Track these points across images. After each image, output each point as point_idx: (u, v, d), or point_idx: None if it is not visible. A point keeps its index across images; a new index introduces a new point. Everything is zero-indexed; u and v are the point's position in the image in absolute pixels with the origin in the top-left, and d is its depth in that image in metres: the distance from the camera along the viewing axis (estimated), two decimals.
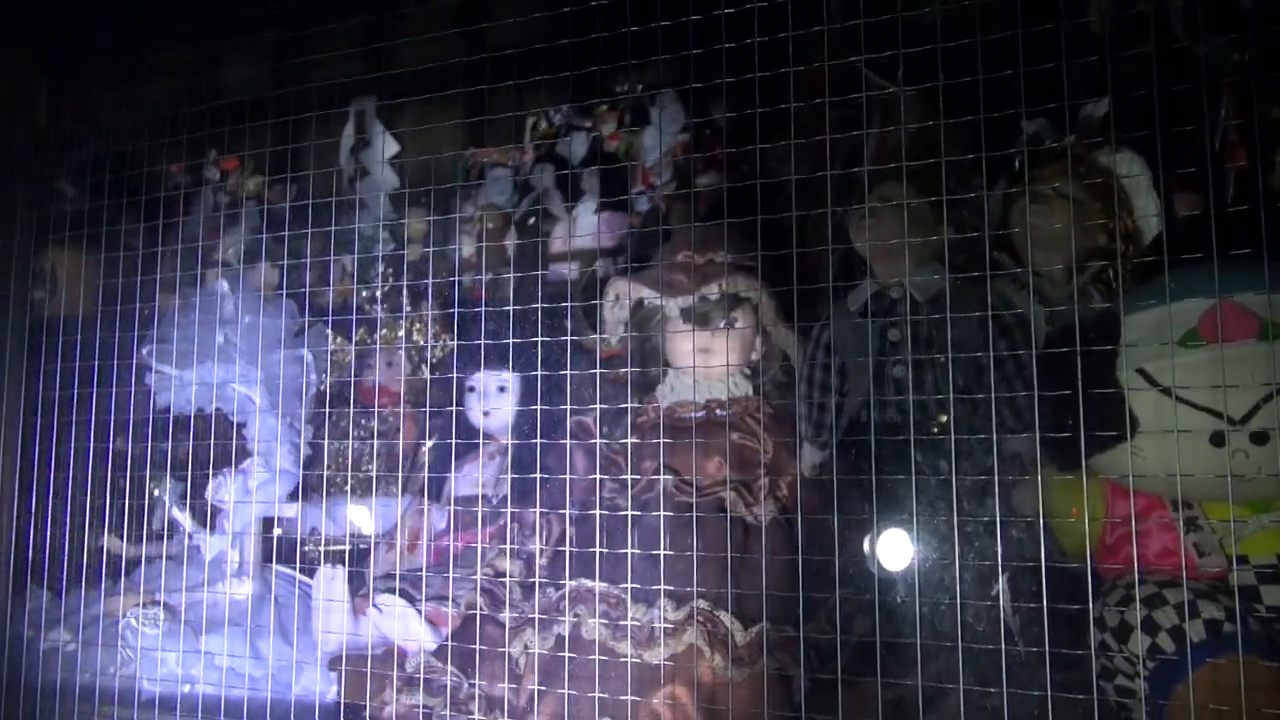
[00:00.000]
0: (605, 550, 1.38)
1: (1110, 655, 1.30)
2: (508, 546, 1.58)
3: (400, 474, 1.94)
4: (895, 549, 1.27)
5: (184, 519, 1.86)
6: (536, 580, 1.51)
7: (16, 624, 1.68)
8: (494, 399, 1.87)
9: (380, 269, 2.27)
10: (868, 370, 1.49)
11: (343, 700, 1.51)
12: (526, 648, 1.45)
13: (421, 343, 2.17)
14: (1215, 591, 1.28)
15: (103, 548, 1.79)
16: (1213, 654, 1.18)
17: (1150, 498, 1.37)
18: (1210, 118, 1.51)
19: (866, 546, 1.27)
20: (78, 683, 1.59)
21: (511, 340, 1.54)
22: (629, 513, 1.42)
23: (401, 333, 2.19)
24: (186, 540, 1.87)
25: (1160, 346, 1.27)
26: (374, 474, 1.97)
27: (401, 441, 2.03)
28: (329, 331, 2.03)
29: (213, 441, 1.82)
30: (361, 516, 1.88)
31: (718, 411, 1.61)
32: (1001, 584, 1.16)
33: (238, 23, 1.85)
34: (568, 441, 1.61)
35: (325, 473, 2.04)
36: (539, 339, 1.50)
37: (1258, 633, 1.26)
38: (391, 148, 2.26)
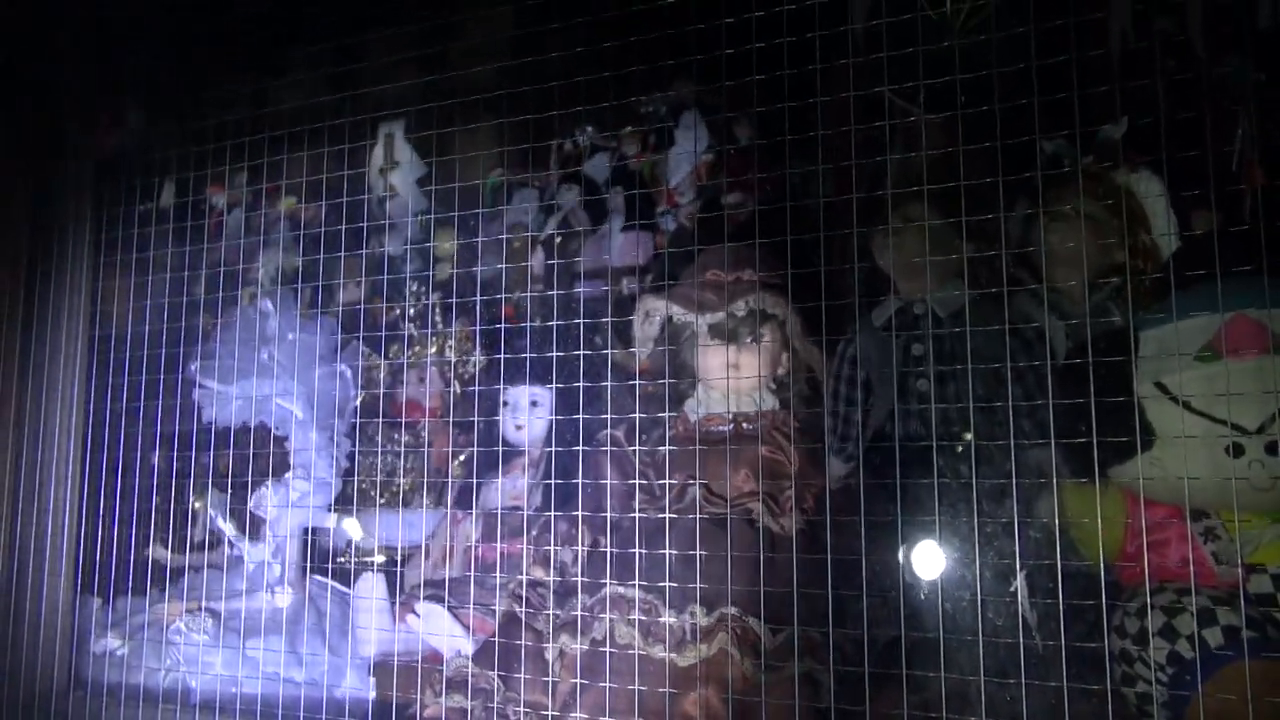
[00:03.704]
0: (638, 558, 1.43)
1: (1131, 661, 1.33)
2: (545, 550, 1.62)
3: (436, 486, 1.99)
4: (924, 557, 1.31)
5: (228, 529, 1.92)
6: (578, 580, 1.55)
7: (74, 628, 1.74)
8: (526, 414, 1.92)
9: (413, 288, 2.32)
10: (892, 383, 1.53)
11: (392, 700, 1.56)
12: (562, 652, 1.49)
13: (455, 359, 2.22)
14: (1234, 599, 1.31)
15: (152, 557, 1.86)
16: (1232, 658, 1.20)
17: (1170, 508, 1.40)
18: (1229, 137, 1.55)
19: (899, 555, 1.30)
20: (127, 683, 1.65)
21: (545, 354, 1.59)
22: (661, 519, 1.47)
23: (434, 350, 2.24)
24: (230, 549, 1.93)
25: (1177, 360, 1.31)
26: (409, 486, 2.02)
27: (436, 453, 2.08)
28: (367, 351, 2.09)
29: (254, 453, 1.87)
30: (353, 527, 1.94)
31: (745, 425, 1.65)
32: (1020, 581, 1.20)
33: (276, 52, 1.92)
34: (598, 453, 1.66)
35: (363, 485, 2.09)
36: (573, 353, 1.54)
37: (1276, 638, 1.28)
38: (420, 170, 2.31)
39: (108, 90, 2.11)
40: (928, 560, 1.30)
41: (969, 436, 1.42)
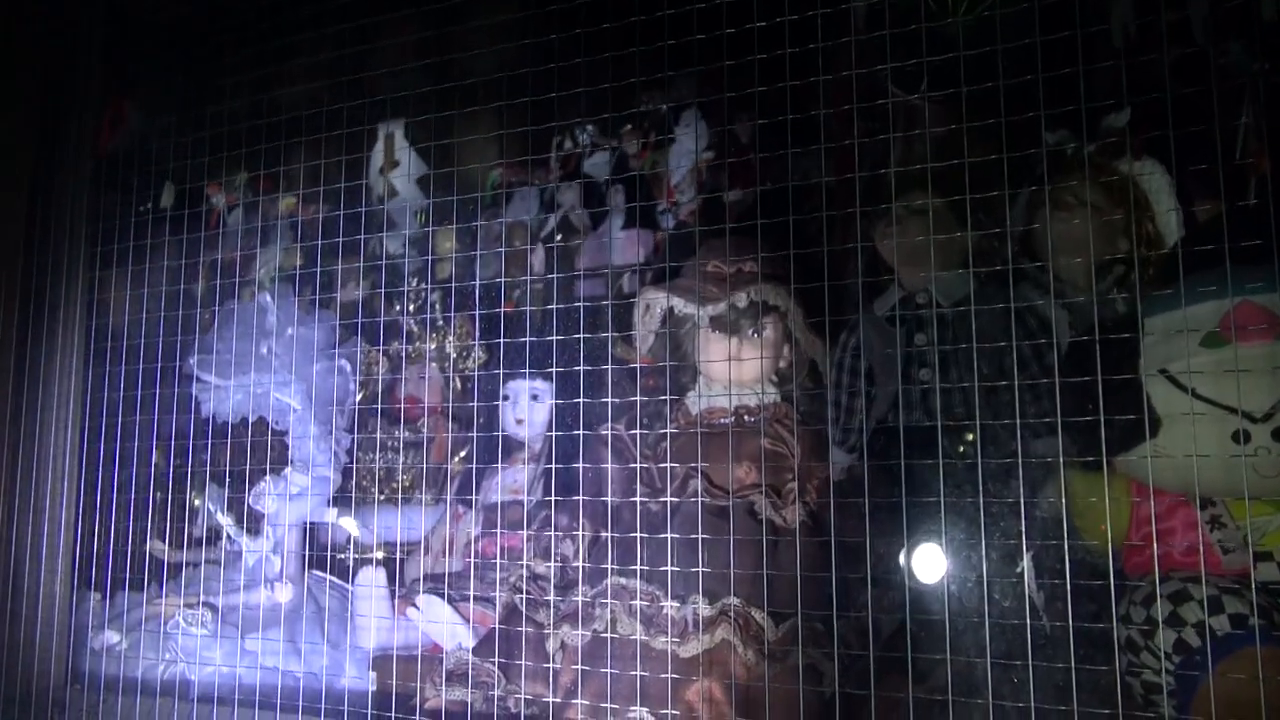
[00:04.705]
0: (639, 548, 1.42)
1: (1138, 650, 1.32)
2: (546, 543, 1.61)
3: (436, 480, 1.99)
4: (927, 560, 1.30)
5: (227, 524, 1.91)
6: (582, 567, 1.55)
7: (70, 623, 1.73)
8: (527, 408, 1.91)
9: (414, 285, 2.32)
10: (896, 372, 1.53)
11: (394, 693, 1.55)
12: (564, 643, 1.48)
13: (455, 355, 2.22)
14: (1241, 587, 1.30)
15: (151, 552, 1.85)
16: (1239, 645, 1.19)
17: (1176, 496, 1.39)
18: (1232, 124, 1.55)
19: (904, 538, 1.29)
20: (126, 677, 1.64)
21: (545, 349, 1.58)
22: (662, 512, 1.46)
23: (434, 345, 2.23)
24: (229, 544, 1.92)
25: (1183, 346, 1.30)
26: (409, 481, 2.02)
27: (434, 448, 2.08)
28: (366, 346, 2.09)
29: (253, 447, 1.86)
30: (350, 526, 1.93)
31: (747, 417, 1.64)
32: (1026, 562, 1.19)
33: (276, 49, 1.92)
34: (599, 446, 1.65)
35: (363, 480, 2.09)
36: (573, 338, 1.53)
37: None
38: (420, 169, 2.31)
39: (108, 86, 2.11)
40: (930, 563, 1.29)
41: (972, 436, 1.41)
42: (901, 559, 1.30)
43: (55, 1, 2.07)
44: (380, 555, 1.90)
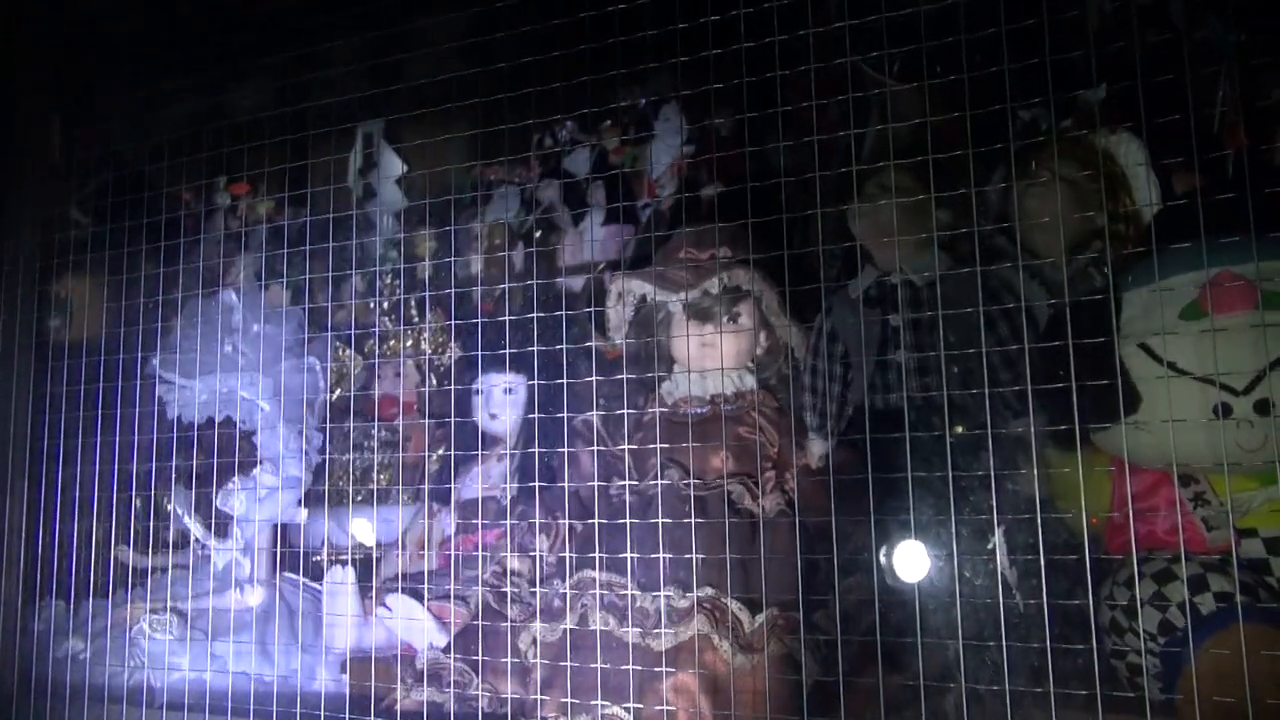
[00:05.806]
0: (611, 542, 1.39)
1: (1122, 632, 1.29)
2: (520, 539, 1.58)
3: (410, 478, 1.95)
4: (907, 558, 1.26)
5: (195, 528, 1.87)
6: (538, 573, 1.51)
7: (16, 629, 1.69)
8: (501, 402, 1.88)
9: (388, 282, 2.29)
10: (871, 356, 1.49)
11: (365, 694, 1.50)
12: (536, 640, 1.45)
13: (429, 352, 2.18)
14: (1225, 565, 1.27)
15: (117, 560, 1.80)
16: (1224, 624, 1.16)
17: (1158, 474, 1.36)
18: (1209, 99, 1.52)
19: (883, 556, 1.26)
20: (75, 683, 1.60)
21: (520, 342, 1.54)
22: (637, 503, 1.42)
23: (410, 344, 2.20)
24: (198, 548, 1.88)
25: (1161, 320, 1.27)
26: (384, 481, 1.98)
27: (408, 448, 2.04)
28: (338, 343, 2.05)
29: (221, 448, 1.82)
30: (363, 529, 1.89)
31: (723, 405, 1.61)
32: (998, 537, 1.15)
33: (246, 49, 1.88)
34: (574, 439, 1.61)
35: (335, 481, 2.05)
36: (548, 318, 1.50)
37: (1269, 604, 1.24)
38: (398, 168, 2.28)
39: (70, 85, 2.08)
40: (910, 561, 1.25)
41: (961, 428, 1.38)
42: (871, 535, 1.26)
43: (11, 4, 2.03)
44: (354, 555, 1.86)
